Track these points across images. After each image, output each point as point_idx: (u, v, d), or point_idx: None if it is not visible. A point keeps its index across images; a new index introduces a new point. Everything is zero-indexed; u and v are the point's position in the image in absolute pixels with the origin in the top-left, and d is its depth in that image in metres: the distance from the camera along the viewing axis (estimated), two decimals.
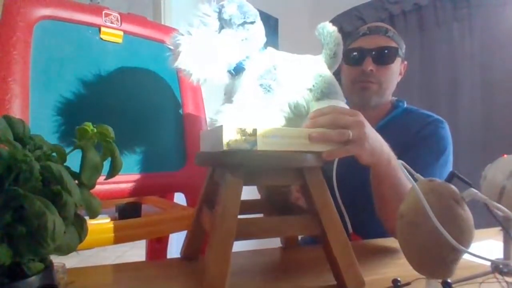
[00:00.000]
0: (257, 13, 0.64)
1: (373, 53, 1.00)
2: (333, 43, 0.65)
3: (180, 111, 0.97)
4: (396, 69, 1.05)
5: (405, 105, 1.11)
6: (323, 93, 0.63)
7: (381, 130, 1.04)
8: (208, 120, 0.60)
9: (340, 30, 0.66)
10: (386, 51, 1.00)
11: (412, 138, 1.00)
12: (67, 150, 0.42)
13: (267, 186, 0.80)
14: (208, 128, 0.61)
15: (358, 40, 1.04)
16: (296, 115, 0.63)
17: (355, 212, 0.95)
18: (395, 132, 1.02)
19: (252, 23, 0.63)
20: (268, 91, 0.60)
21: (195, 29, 0.60)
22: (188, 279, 0.64)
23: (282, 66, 0.63)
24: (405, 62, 1.10)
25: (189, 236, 0.74)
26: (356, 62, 1.02)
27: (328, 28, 0.66)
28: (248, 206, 0.75)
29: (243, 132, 0.52)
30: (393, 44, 1.02)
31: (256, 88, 0.61)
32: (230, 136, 0.51)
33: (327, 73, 0.66)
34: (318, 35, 0.68)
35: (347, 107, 0.63)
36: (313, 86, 0.63)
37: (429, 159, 0.96)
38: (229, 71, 0.63)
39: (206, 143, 0.64)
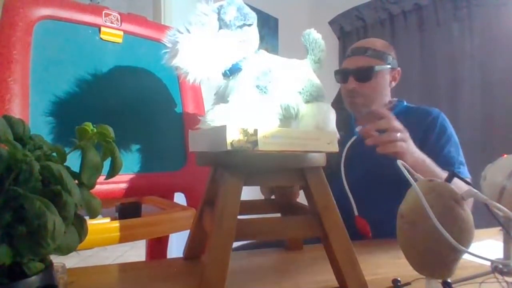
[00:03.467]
0: (255, 16, 0.65)
1: (354, 72, 1.15)
2: (318, 49, 0.69)
3: (180, 111, 0.97)
4: (381, 81, 1.17)
5: (405, 103, 1.22)
6: (312, 96, 0.65)
7: None
8: (201, 119, 0.60)
9: (340, 30, 0.68)
10: (365, 70, 1.14)
11: (418, 133, 1.08)
12: (67, 150, 0.42)
13: (270, 187, 0.80)
14: (201, 128, 0.61)
15: (344, 62, 1.21)
16: (286, 117, 0.64)
17: (360, 197, 1.01)
18: None
19: (250, 25, 0.64)
20: (265, 92, 0.61)
21: (194, 27, 0.60)
22: (188, 279, 0.64)
23: (276, 69, 0.64)
24: (398, 69, 1.20)
25: (191, 237, 0.74)
26: (343, 81, 1.19)
27: (314, 35, 0.70)
28: (249, 207, 0.75)
29: (245, 132, 0.52)
30: (372, 63, 1.15)
31: (253, 89, 0.61)
32: (233, 136, 0.51)
33: (315, 77, 0.68)
34: (304, 41, 0.71)
35: (332, 109, 0.66)
36: (303, 89, 0.65)
37: (451, 151, 1.08)
38: (223, 72, 0.64)
39: (201, 143, 0.64)
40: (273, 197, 0.85)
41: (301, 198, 0.73)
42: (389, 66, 1.16)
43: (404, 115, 1.15)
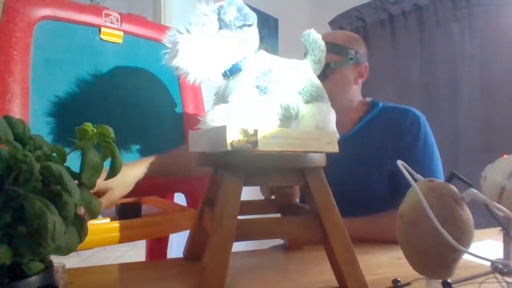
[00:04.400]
0: (255, 16, 0.65)
1: None
2: (318, 49, 0.69)
3: (180, 111, 0.97)
4: (341, 78, 1.07)
5: (381, 104, 1.13)
6: (312, 96, 0.64)
7: (361, 131, 1.10)
8: (201, 120, 0.60)
9: (340, 30, 0.68)
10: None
11: (396, 136, 1.04)
12: (67, 150, 0.42)
13: (270, 187, 0.80)
14: (201, 128, 0.61)
15: None
16: (286, 117, 0.64)
17: (343, 202, 1.01)
18: (376, 131, 1.08)
19: (250, 25, 0.64)
20: (264, 92, 0.61)
21: (194, 27, 0.60)
22: (188, 279, 0.64)
23: (276, 69, 0.64)
24: (364, 64, 1.11)
25: (191, 237, 0.74)
26: None
27: (314, 36, 0.69)
28: (249, 207, 0.75)
29: (245, 132, 0.52)
30: (328, 59, 1.03)
31: (253, 89, 0.61)
32: (233, 136, 0.51)
33: (314, 77, 0.67)
34: (304, 42, 0.70)
35: (333, 110, 0.65)
36: (303, 89, 0.64)
37: (425, 158, 1.02)
38: (223, 72, 0.64)
39: (201, 143, 0.64)
40: (273, 197, 0.85)
41: None
42: (351, 61, 1.05)
43: (380, 117, 1.10)
